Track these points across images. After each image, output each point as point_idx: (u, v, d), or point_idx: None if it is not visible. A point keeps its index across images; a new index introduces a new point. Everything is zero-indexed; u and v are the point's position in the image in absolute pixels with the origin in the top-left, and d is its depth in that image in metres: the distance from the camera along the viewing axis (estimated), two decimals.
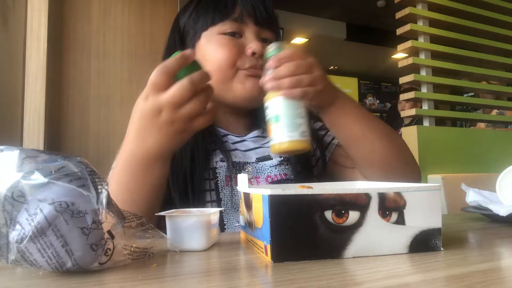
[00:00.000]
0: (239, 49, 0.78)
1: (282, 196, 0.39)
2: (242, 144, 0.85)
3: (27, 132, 1.50)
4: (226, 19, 0.79)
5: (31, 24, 1.54)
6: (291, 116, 0.62)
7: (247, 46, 0.79)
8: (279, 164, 0.82)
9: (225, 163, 0.78)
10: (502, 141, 1.88)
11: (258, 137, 0.87)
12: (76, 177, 0.36)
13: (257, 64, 0.79)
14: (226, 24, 0.79)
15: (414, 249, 0.42)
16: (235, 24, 0.79)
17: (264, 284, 0.34)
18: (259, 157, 0.83)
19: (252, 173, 0.81)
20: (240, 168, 0.80)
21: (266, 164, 0.82)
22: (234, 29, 0.79)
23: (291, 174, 0.82)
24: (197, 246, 0.47)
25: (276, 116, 0.62)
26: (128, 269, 0.38)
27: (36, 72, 1.53)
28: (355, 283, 0.32)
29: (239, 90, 0.79)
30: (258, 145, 0.86)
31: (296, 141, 0.61)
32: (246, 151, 0.84)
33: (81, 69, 1.73)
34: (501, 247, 0.46)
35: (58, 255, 0.34)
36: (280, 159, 0.83)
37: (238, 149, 0.83)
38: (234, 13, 0.79)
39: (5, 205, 0.34)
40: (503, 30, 2.10)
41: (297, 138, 0.61)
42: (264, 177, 0.80)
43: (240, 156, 0.82)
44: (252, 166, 0.82)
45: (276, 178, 0.81)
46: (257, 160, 0.82)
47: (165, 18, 1.93)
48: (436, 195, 0.43)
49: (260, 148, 0.85)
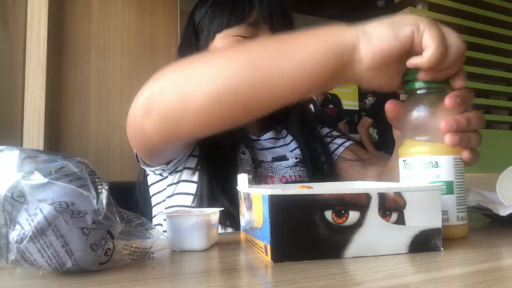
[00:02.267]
0: None
1: (282, 196, 0.39)
2: (258, 143, 0.86)
3: (27, 132, 1.50)
4: (241, 23, 0.78)
5: (31, 24, 1.54)
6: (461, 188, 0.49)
7: None
8: (294, 165, 0.82)
9: (245, 156, 0.79)
10: (502, 141, 1.88)
11: (273, 139, 0.88)
12: (76, 177, 0.36)
13: None
14: (241, 28, 0.78)
15: (414, 249, 0.42)
16: (250, 29, 0.78)
17: (264, 284, 0.34)
18: (275, 157, 0.83)
19: (267, 172, 0.81)
20: (257, 166, 0.80)
21: (282, 164, 0.82)
22: (249, 34, 0.78)
23: (306, 176, 0.83)
24: (197, 246, 0.47)
25: (449, 184, 0.48)
26: (128, 269, 0.38)
27: (36, 72, 1.53)
28: (355, 283, 0.32)
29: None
30: (273, 145, 0.86)
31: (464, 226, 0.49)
32: (262, 150, 0.85)
33: (81, 69, 1.73)
34: (501, 247, 0.46)
35: (58, 255, 0.34)
36: (296, 160, 0.83)
37: (255, 147, 0.84)
38: (251, 17, 0.78)
39: (5, 205, 0.34)
40: (503, 30, 2.10)
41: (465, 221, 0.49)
42: (279, 177, 0.81)
43: (258, 154, 0.83)
44: (268, 165, 0.82)
45: (291, 179, 0.81)
46: (272, 160, 0.83)
47: (165, 18, 1.93)
48: (436, 195, 0.43)
49: (275, 148, 0.86)
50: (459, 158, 0.49)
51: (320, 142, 0.88)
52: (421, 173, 0.48)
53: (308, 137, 0.87)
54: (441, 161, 0.48)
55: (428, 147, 0.49)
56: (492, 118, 2.33)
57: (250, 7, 0.78)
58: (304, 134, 0.88)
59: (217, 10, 0.81)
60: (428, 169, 0.48)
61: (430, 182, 0.47)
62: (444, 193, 0.48)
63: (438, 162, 0.48)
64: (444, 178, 0.48)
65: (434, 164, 0.48)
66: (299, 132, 0.87)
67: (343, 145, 0.90)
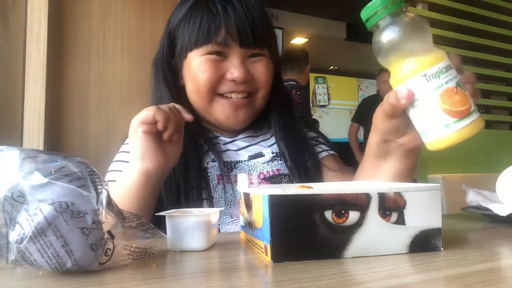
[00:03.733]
0: (219, 74, 0.78)
1: (282, 196, 0.39)
2: (233, 144, 0.85)
3: (27, 132, 1.50)
4: (209, 43, 0.76)
5: (31, 24, 1.54)
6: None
7: (228, 70, 0.78)
8: (271, 160, 0.83)
9: (217, 163, 0.79)
10: (502, 141, 1.88)
11: (250, 137, 0.88)
12: (76, 177, 0.36)
13: (237, 89, 0.78)
14: (209, 47, 0.77)
15: (414, 249, 0.42)
16: (219, 46, 0.77)
17: (264, 284, 0.34)
18: (251, 155, 0.83)
19: (245, 170, 0.82)
20: (231, 167, 0.81)
21: (258, 161, 0.82)
22: (219, 50, 0.77)
23: (285, 168, 0.83)
24: (197, 246, 0.47)
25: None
26: (128, 269, 0.38)
27: (36, 72, 1.53)
28: (355, 283, 0.32)
29: (219, 114, 0.81)
30: (249, 143, 0.86)
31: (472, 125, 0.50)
32: (238, 150, 0.84)
33: (81, 69, 1.73)
34: (501, 247, 0.46)
35: (58, 255, 0.34)
36: (272, 155, 0.84)
37: (230, 149, 0.84)
38: (218, 37, 0.76)
39: (5, 206, 0.34)
40: (503, 30, 2.10)
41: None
42: (256, 174, 0.81)
43: (232, 155, 0.83)
44: (244, 164, 0.82)
45: (269, 174, 0.82)
46: (249, 158, 0.83)
47: (165, 18, 1.92)
48: (436, 195, 0.43)
49: (251, 146, 0.86)
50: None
51: (305, 141, 0.88)
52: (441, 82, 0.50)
53: (292, 135, 0.87)
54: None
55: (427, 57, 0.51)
56: (492, 118, 2.32)
57: (216, 25, 0.76)
58: (289, 133, 0.87)
59: (187, 27, 0.80)
60: (445, 73, 0.50)
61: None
62: (464, 88, 0.51)
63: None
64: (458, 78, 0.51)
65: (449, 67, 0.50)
66: (283, 131, 0.87)
67: (327, 151, 0.90)
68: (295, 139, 0.86)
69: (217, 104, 0.80)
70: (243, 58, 0.79)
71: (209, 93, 0.78)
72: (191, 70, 0.79)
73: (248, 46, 0.79)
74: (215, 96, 0.79)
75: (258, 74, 0.81)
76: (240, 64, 0.78)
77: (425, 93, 0.50)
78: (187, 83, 0.82)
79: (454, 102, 0.49)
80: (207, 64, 0.77)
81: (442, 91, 0.49)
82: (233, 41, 0.77)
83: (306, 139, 0.89)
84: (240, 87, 0.78)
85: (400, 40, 0.51)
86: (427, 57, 0.51)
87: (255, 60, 0.81)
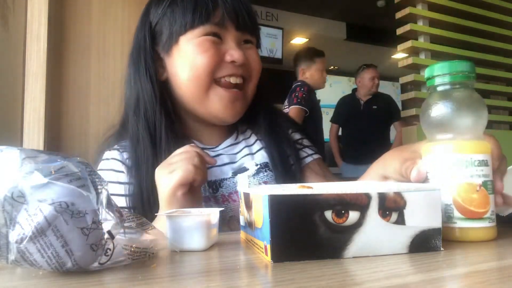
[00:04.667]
0: (219, 56, 0.75)
1: (282, 196, 0.39)
2: (218, 158, 0.81)
3: (27, 132, 1.50)
4: (206, 23, 0.74)
5: (31, 24, 1.54)
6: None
7: (227, 52, 0.76)
8: (256, 173, 0.80)
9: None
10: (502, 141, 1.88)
11: (232, 145, 0.84)
12: (76, 177, 0.36)
13: (236, 72, 0.76)
14: (207, 28, 0.75)
15: (414, 249, 0.41)
16: (216, 28, 0.75)
17: (264, 284, 0.34)
18: (235, 171, 0.80)
19: (230, 189, 0.78)
20: (216, 187, 0.78)
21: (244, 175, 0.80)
22: (216, 31, 0.76)
23: (273, 180, 0.80)
24: (197, 246, 0.47)
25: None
26: (128, 269, 0.38)
27: (36, 72, 1.53)
28: (355, 283, 0.32)
29: (216, 105, 0.77)
30: (232, 158, 0.83)
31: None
32: (222, 165, 0.81)
33: (81, 69, 1.73)
34: (501, 247, 0.46)
35: (58, 255, 0.34)
36: (257, 167, 0.81)
37: (214, 165, 0.79)
38: (215, 16, 0.75)
39: (5, 206, 0.34)
40: (503, 30, 2.10)
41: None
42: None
43: (216, 173, 0.79)
44: (230, 181, 0.79)
45: None
46: (233, 175, 0.80)
47: None
48: (436, 195, 0.43)
49: (235, 162, 0.82)
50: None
51: (290, 144, 0.86)
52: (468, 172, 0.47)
53: (276, 139, 0.84)
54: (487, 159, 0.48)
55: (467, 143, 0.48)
56: (492, 118, 2.33)
57: (214, 5, 0.75)
58: (273, 136, 0.84)
59: (177, 11, 0.76)
60: (473, 167, 0.47)
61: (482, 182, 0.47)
62: (491, 192, 0.48)
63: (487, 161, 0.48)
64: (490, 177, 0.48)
65: (484, 163, 0.47)
66: (267, 135, 0.84)
67: (312, 156, 0.88)
68: (280, 145, 0.84)
69: (214, 94, 0.76)
70: (239, 41, 0.78)
71: (208, 78, 0.75)
72: (186, 55, 0.75)
73: (243, 30, 0.78)
74: (212, 84, 0.76)
75: (252, 60, 0.80)
76: (238, 46, 0.77)
77: (446, 175, 0.48)
78: (176, 73, 0.78)
79: (470, 199, 0.47)
80: (206, 45, 0.74)
81: (464, 182, 0.47)
82: (230, 23, 0.76)
83: (291, 143, 0.86)
84: (239, 70, 0.77)
85: (452, 113, 0.49)
86: (466, 142, 0.48)
87: (248, 47, 0.80)
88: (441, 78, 0.50)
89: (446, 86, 0.50)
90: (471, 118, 0.49)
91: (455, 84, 0.50)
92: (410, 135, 1.70)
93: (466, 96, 0.50)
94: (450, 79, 0.50)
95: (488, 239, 0.48)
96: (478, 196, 0.47)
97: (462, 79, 0.50)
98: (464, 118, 0.49)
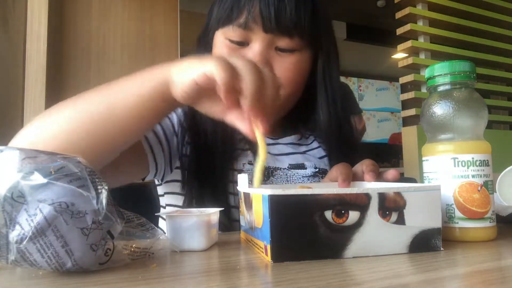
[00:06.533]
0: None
1: (282, 196, 0.39)
2: (275, 147, 0.78)
3: None
4: (230, 24, 0.69)
5: (31, 24, 1.54)
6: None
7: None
8: (312, 175, 0.76)
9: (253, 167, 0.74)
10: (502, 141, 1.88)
11: (294, 144, 0.81)
12: (76, 177, 0.36)
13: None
14: (230, 30, 0.70)
15: (414, 249, 0.41)
16: (240, 30, 0.69)
17: (264, 284, 0.34)
18: (292, 164, 0.77)
19: (282, 180, 0.75)
20: (268, 175, 0.73)
21: (299, 173, 0.76)
22: (240, 37, 0.70)
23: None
24: (197, 246, 0.47)
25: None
26: (128, 269, 0.38)
27: (36, 72, 1.53)
28: (355, 283, 0.32)
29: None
30: (292, 150, 0.79)
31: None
32: (279, 155, 0.78)
33: (81, 69, 1.73)
34: (501, 247, 0.46)
35: (58, 255, 0.34)
36: (315, 170, 0.77)
37: (270, 152, 0.76)
38: (240, 18, 0.68)
39: (5, 206, 0.34)
40: (503, 30, 2.10)
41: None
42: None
43: (271, 160, 0.76)
44: (283, 172, 0.76)
45: None
46: (289, 167, 0.76)
47: (165, 18, 1.93)
48: (436, 195, 0.43)
49: (294, 154, 0.79)
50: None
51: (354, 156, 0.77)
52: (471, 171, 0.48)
53: (340, 150, 0.78)
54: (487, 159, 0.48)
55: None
56: (492, 118, 2.32)
57: (240, 6, 0.69)
58: (337, 146, 0.78)
59: (217, 5, 0.73)
60: (476, 166, 0.48)
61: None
62: (491, 192, 0.48)
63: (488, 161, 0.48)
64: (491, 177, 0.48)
65: (485, 163, 0.48)
66: (334, 150, 0.79)
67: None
68: (344, 159, 0.72)
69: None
70: (267, 46, 0.69)
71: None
72: (213, 52, 0.73)
73: (273, 32, 0.68)
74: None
75: (281, 70, 0.70)
76: (260, 51, 0.69)
77: (447, 175, 0.48)
78: None
79: (472, 199, 0.47)
80: (225, 49, 0.71)
81: (465, 182, 0.47)
82: (256, 24, 0.68)
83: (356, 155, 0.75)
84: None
85: (452, 113, 0.49)
86: (467, 142, 0.48)
87: (284, 55, 0.71)
88: (441, 78, 0.50)
89: (447, 86, 0.51)
90: (471, 118, 0.49)
91: (456, 84, 0.50)
92: (410, 135, 1.70)
93: (467, 96, 0.50)
94: (451, 79, 0.50)
95: (489, 239, 0.48)
96: (479, 196, 0.47)
97: (463, 79, 0.50)
98: (464, 118, 0.49)
